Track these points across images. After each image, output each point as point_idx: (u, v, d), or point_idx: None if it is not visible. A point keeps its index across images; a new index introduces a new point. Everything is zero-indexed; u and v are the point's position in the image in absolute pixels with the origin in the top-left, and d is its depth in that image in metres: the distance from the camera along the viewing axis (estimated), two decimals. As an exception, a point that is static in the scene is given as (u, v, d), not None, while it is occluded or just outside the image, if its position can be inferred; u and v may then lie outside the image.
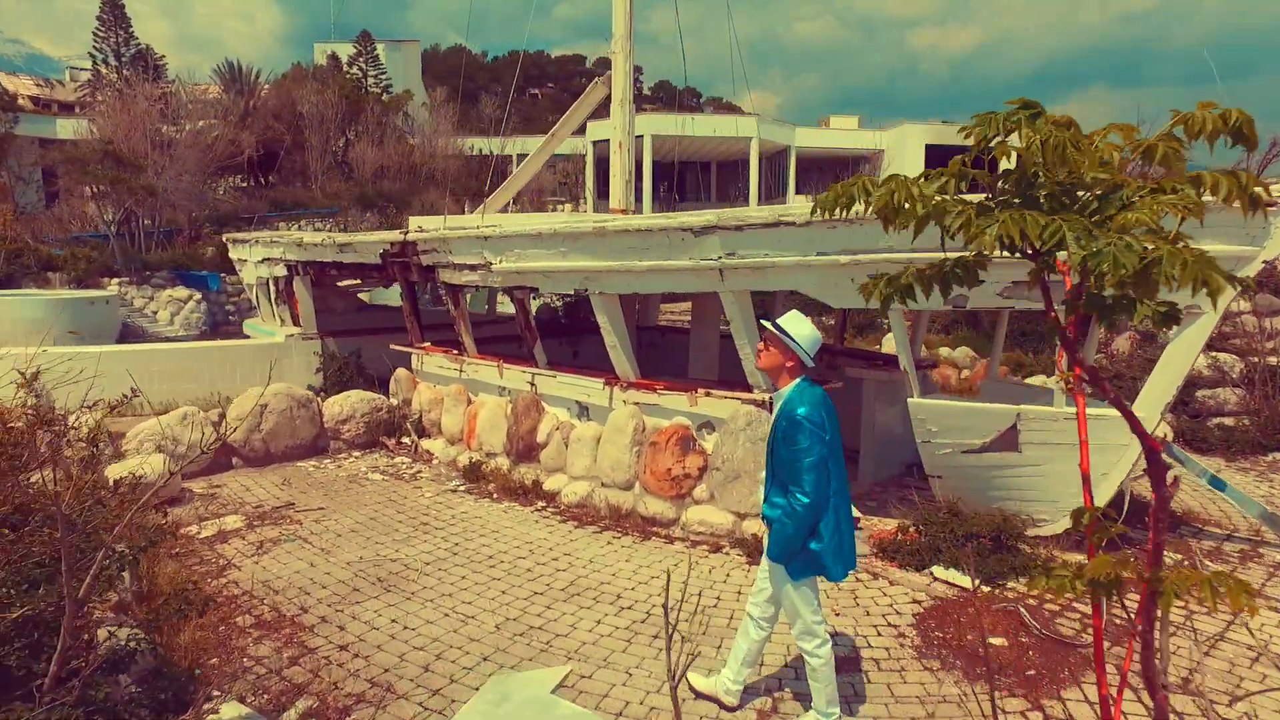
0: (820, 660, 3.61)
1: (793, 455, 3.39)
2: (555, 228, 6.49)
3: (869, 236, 5.29)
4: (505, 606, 5.02)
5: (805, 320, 3.57)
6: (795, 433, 3.38)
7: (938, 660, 4.45)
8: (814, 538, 3.48)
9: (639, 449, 6.69)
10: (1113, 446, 5.63)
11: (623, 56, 8.61)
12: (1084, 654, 4.51)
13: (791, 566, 3.52)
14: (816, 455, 3.38)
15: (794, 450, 3.39)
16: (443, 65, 65.12)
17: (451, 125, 34.81)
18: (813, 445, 3.37)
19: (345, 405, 8.55)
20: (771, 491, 3.60)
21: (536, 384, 7.66)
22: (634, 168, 8.77)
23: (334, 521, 6.55)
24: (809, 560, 3.50)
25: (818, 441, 3.40)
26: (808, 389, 3.53)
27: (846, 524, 3.59)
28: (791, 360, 3.54)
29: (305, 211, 27.86)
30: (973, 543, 5.71)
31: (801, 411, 3.40)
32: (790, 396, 3.51)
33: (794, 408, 3.42)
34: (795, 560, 3.50)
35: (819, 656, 3.60)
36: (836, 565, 3.52)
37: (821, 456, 3.39)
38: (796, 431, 3.38)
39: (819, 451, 3.39)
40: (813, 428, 3.39)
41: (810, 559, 3.49)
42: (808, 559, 3.50)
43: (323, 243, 9.60)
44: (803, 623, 3.59)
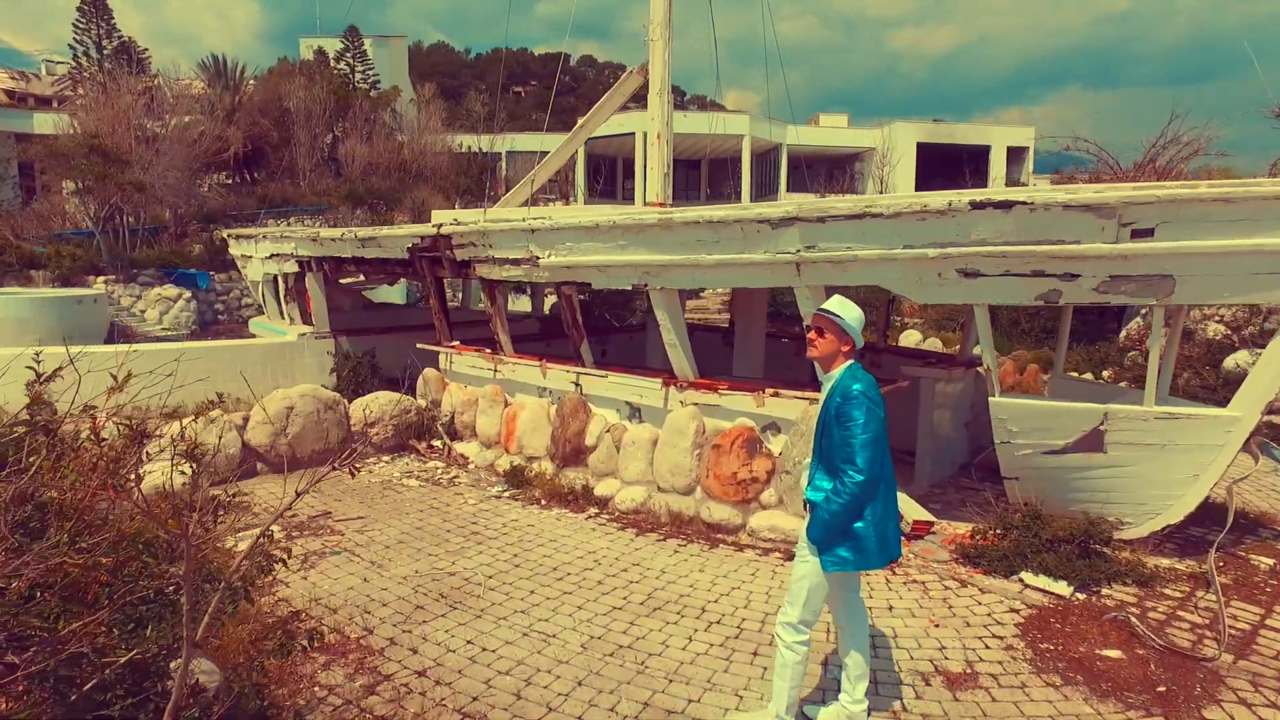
0: (796, 658, 3.44)
1: (847, 433, 3.27)
2: (614, 220, 6.15)
3: (961, 228, 5.03)
4: (586, 624, 4.69)
5: (851, 303, 3.47)
6: (852, 409, 3.26)
7: (1057, 675, 4.19)
8: (858, 518, 3.32)
9: (700, 452, 6.38)
10: (1205, 448, 5.42)
11: (661, 44, 8.28)
12: (1210, 668, 4.27)
13: (830, 554, 3.34)
14: (873, 432, 3.25)
15: (849, 427, 3.26)
16: (426, 62, 64.42)
17: (440, 122, 34.25)
18: (869, 421, 3.25)
19: (374, 407, 8.17)
20: (817, 475, 3.49)
21: (582, 384, 7.33)
22: (672, 161, 8.46)
23: (378, 532, 6.17)
24: (852, 544, 3.32)
25: (874, 418, 3.28)
26: (860, 371, 3.42)
27: (893, 510, 3.47)
28: (847, 344, 3.44)
29: (294, 209, 27.22)
30: (1061, 547, 5.47)
31: (858, 387, 3.30)
32: (843, 376, 3.40)
33: (849, 384, 3.32)
34: (836, 543, 3.33)
35: (795, 653, 3.43)
36: (880, 550, 3.36)
37: (877, 434, 3.27)
38: (853, 408, 3.26)
39: (874, 429, 3.27)
40: (870, 404, 3.28)
41: (854, 543, 3.32)
42: (851, 542, 3.33)
43: (342, 237, 9.19)
44: (798, 612, 3.42)
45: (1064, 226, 4.84)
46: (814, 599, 3.43)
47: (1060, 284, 5.04)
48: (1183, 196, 4.65)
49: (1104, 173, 12.69)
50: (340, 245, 9.27)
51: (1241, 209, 4.66)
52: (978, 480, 7.50)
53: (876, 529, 3.35)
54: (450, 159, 33.53)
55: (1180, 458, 5.45)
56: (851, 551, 3.34)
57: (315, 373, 10.46)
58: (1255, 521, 6.62)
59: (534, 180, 9.87)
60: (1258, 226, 4.70)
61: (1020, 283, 5.10)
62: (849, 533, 3.33)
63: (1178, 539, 5.98)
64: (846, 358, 3.46)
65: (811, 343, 3.53)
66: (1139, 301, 5.05)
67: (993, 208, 4.87)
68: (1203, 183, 4.71)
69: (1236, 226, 4.71)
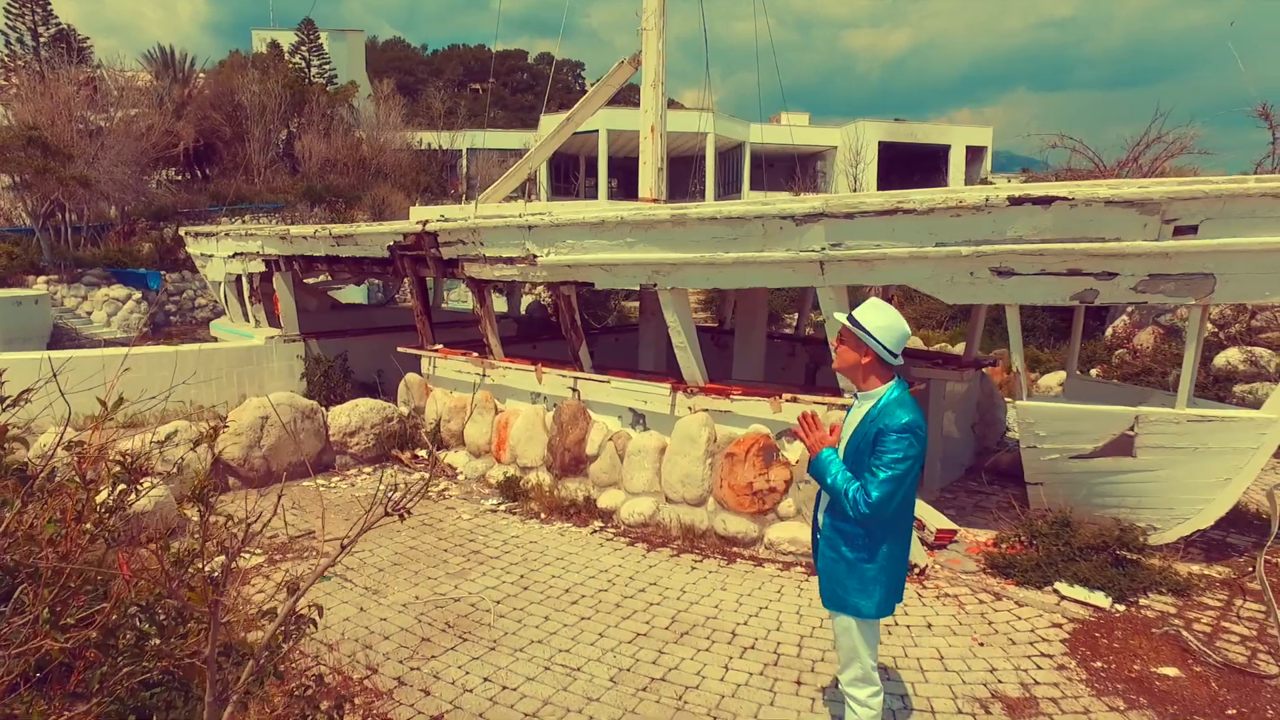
0: (871, 714, 3.02)
1: (877, 461, 2.80)
2: (622, 215, 5.78)
3: (997, 225, 4.78)
4: (611, 653, 4.32)
5: (887, 308, 2.93)
6: (891, 442, 2.78)
7: (1119, 699, 3.96)
8: (871, 562, 2.93)
9: (712, 461, 6.06)
10: (1238, 451, 5.27)
11: (655, 34, 7.92)
12: (1275, 685, 4.09)
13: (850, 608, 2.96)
14: (901, 471, 2.77)
15: (881, 456, 2.79)
16: (381, 58, 63.03)
17: (400, 118, 33.38)
18: (905, 458, 2.77)
19: (354, 416, 7.66)
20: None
21: (580, 390, 6.94)
22: (665, 156, 8.11)
23: (368, 553, 5.71)
24: (862, 586, 2.94)
25: (911, 458, 2.79)
26: (908, 395, 2.92)
27: (905, 555, 3.06)
28: (868, 356, 2.92)
29: (249, 206, 26.19)
30: (1093, 556, 5.27)
31: (907, 419, 2.80)
32: (889, 401, 2.88)
33: (897, 414, 2.82)
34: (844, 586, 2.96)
35: (871, 709, 3.02)
36: (889, 599, 2.97)
37: (904, 474, 2.79)
38: (894, 441, 2.78)
39: (905, 469, 2.78)
40: (914, 440, 2.79)
41: (863, 586, 2.93)
42: (861, 585, 2.94)
43: (314, 235, 8.64)
44: (860, 666, 3.01)
45: (1104, 223, 4.62)
46: (868, 645, 3.04)
47: (1097, 283, 4.83)
48: (1230, 192, 4.46)
49: (1082, 170, 12.73)
50: (313, 243, 8.72)
51: (1288, 205, 4.49)
52: (987, 483, 7.33)
53: (888, 571, 2.95)
54: (410, 156, 32.70)
55: (1212, 461, 5.29)
56: (867, 602, 2.95)
57: (284, 378, 9.89)
58: (1269, 523, 6.54)
59: (516, 173, 9.44)
60: (1302, 223, 4.54)
61: (1055, 282, 4.88)
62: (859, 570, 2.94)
63: (1200, 543, 5.84)
64: (878, 374, 2.95)
65: (833, 350, 3.13)
66: (1177, 301, 4.87)
67: (1031, 204, 4.63)
68: (1250, 178, 4.54)
69: (1281, 223, 4.54)
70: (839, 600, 3.00)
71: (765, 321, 8.07)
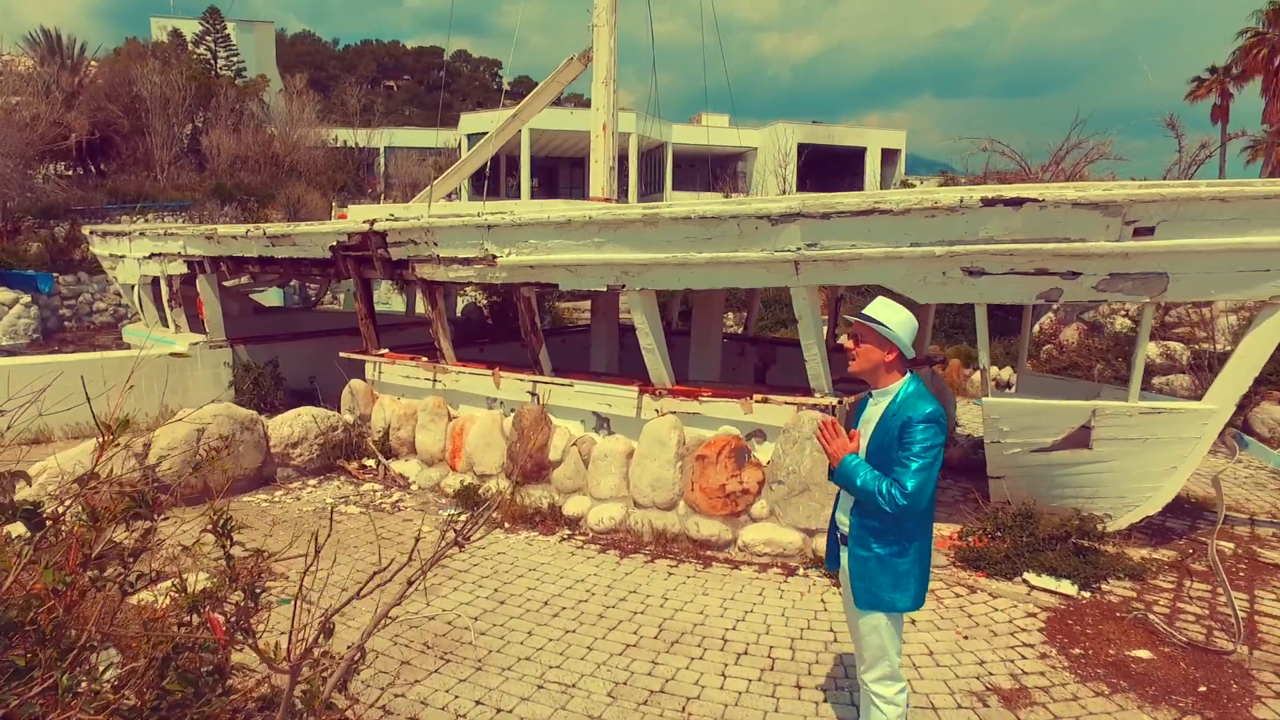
0: (898, 711, 3.03)
1: (906, 453, 2.82)
2: (591, 215, 5.64)
3: (970, 226, 4.88)
4: (604, 667, 4.19)
5: (899, 305, 2.98)
6: (918, 432, 2.81)
7: (1103, 684, 4.09)
8: (904, 556, 2.94)
9: (683, 464, 5.98)
10: (1183, 440, 5.54)
11: (607, 30, 7.79)
12: (1234, 662, 4.30)
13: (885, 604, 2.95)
14: (931, 459, 2.81)
15: (909, 447, 2.81)
16: (291, 52, 60.58)
17: (314, 114, 32.09)
18: (933, 447, 2.82)
19: (296, 426, 7.25)
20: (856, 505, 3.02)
21: (540, 394, 6.75)
22: (618, 155, 8.00)
23: (327, 572, 5.37)
24: (896, 581, 2.93)
25: (938, 446, 2.85)
26: (925, 388, 2.97)
27: (931, 546, 3.08)
28: (891, 354, 2.95)
29: (152, 205, 24.64)
30: (1057, 545, 5.45)
31: (929, 410, 2.84)
32: (908, 394, 2.91)
33: (920, 405, 2.85)
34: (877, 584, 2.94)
35: (897, 705, 3.03)
36: (922, 590, 2.99)
37: (933, 463, 2.83)
38: (921, 431, 2.81)
39: (933, 457, 2.82)
40: (939, 429, 2.84)
41: (897, 580, 2.92)
42: (895, 580, 2.93)
43: (246, 235, 8.14)
44: (889, 664, 3.01)
45: (1070, 224, 4.78)
46: (896, 641, 3.03)
47: (1062, 282, 4.99)
48: (1184, 195, 4.68)
49: (1008, 173, 13.31)
50: (244, 244, 8.22)
51: (1235, 208, 4.74)
52: (945, 480, 7.51)
53: (919, 566, 2.96)
54: (326, 154, 31.48)
55: (1160, 451, 5.55)
56: (903, 596, 2.94)
57: (211, 387, 9.30)
58: (1199, 505, 6.94)
59: (460, 170, 9.13)
60: (1248, 225, 4.80)
61: (1023, 281, 5.02)
62: (894, 570, 2.92)
63: (1143, 528, 6.12)
64: (899, 369, 2.99)
65: (850, 354, 3.03)
66: (1133, 299, 5.08)
67: (1003, 205, 4.74)
68: (1201, 183, 4.76)
69: (1229, 225, 4.79)
70: (872, 598, 2.96)
71: (721, 322, 8.07)
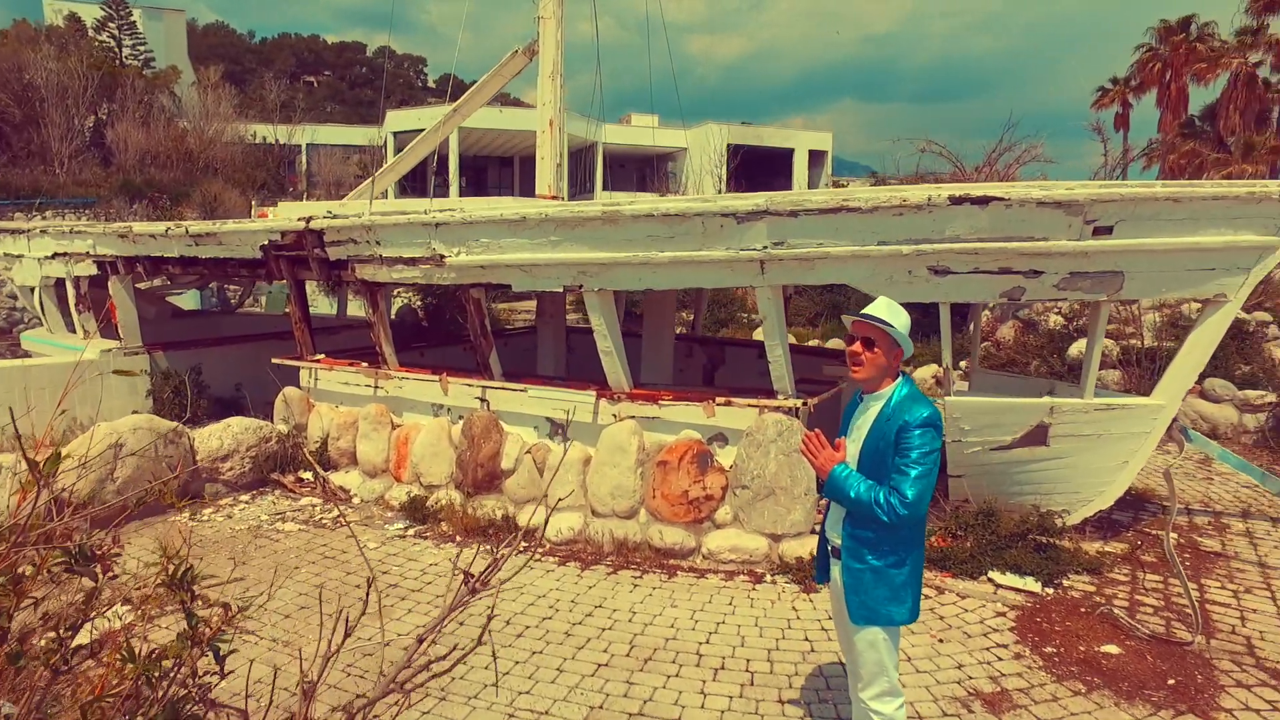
0: None
1: (904, 459, 2.72)
2: (547, 213, 5.38)
3: (937, 224, 4.84)
4: (576, 690, 3.96)
5: (899, 306, 2.91)
6: (916, 437, 2.72)
7: (1079, 681, 4.09)
8: (901, 567, 2.85)
9: (643, 470, 5.79)
10: (1134, 435, 5.66)
11: (553, 22, 7.53)
12: (1194, 652, 4.37)
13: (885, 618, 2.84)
14: (930, 464, 2.73)
15: (908, 454, 2.72)
16: (203, 44, 57.79)
17: (231, 109, 30.59)
18: (932, 452, 2.74)
19: (226, 437, 6.75)
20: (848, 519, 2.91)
21: (491, 400, 6.46)
22: (570, 152, 7.75)
23: (267, 597, 4.99)
24: (893, 594, 2.83)
25: (937, 450, 2.78)
26: (917, 389, 2.90)
27: (924, 556, 3.01)
28: (897, 357, 2.89)
29: (51, 201, 23.03)
30: (1019, 543, 5.49)
31: (926, 413, 2.75)
32: (902, 397, 2.83)
33: (916, 409, 2.76)
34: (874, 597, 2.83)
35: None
36: (918, 602, 2.92)
37: (933, 469, 2.75)
38: (920, 436, 2.72)
39: (933, 462, 2.75)
40: (937, 433, 2.77)
41: (894, 593, 2.83)
42: (892, 592, 2.83)
43: (166, 233, 7.55)
44: (888, 680, 2.91)
45: (1034, 223, 4.79)
46: (893, 656, 2.93)
47: (1025, 281, 5.01)
48: (1141, 195, 4.75)
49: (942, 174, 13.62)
50: (164, 243, 7.63)
51: (1186, 208, 4.84)
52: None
53: (915, 576, 2.88)
54: (244, 150, 30.05)
55: (1113, 446, 5.65)
56: (900, 609, 2.85)
57: (126, 397, 8.63)
58: (1140, 497, 7.15)
59: (397, 167, 8.72)
60: (1196, 225, 4.92)
61: (987, 280, 5.02)
62: (891, 583, 2.82)
63: (1094, 522, 6.23)
64: (895, 373, 2.91)
65: (856, 358, 2.88)
66: (1091, 297, 5.14)
67: (970, 203, 4.72)
68: (1156, 183, 4.84)
69: (1179, 225, 4.90)
70: (869, 613, 2.84)
71: (674, 323, 7.91)
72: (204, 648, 1.65)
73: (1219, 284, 5.18)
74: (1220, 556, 5.86)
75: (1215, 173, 26.61)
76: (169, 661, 1.60)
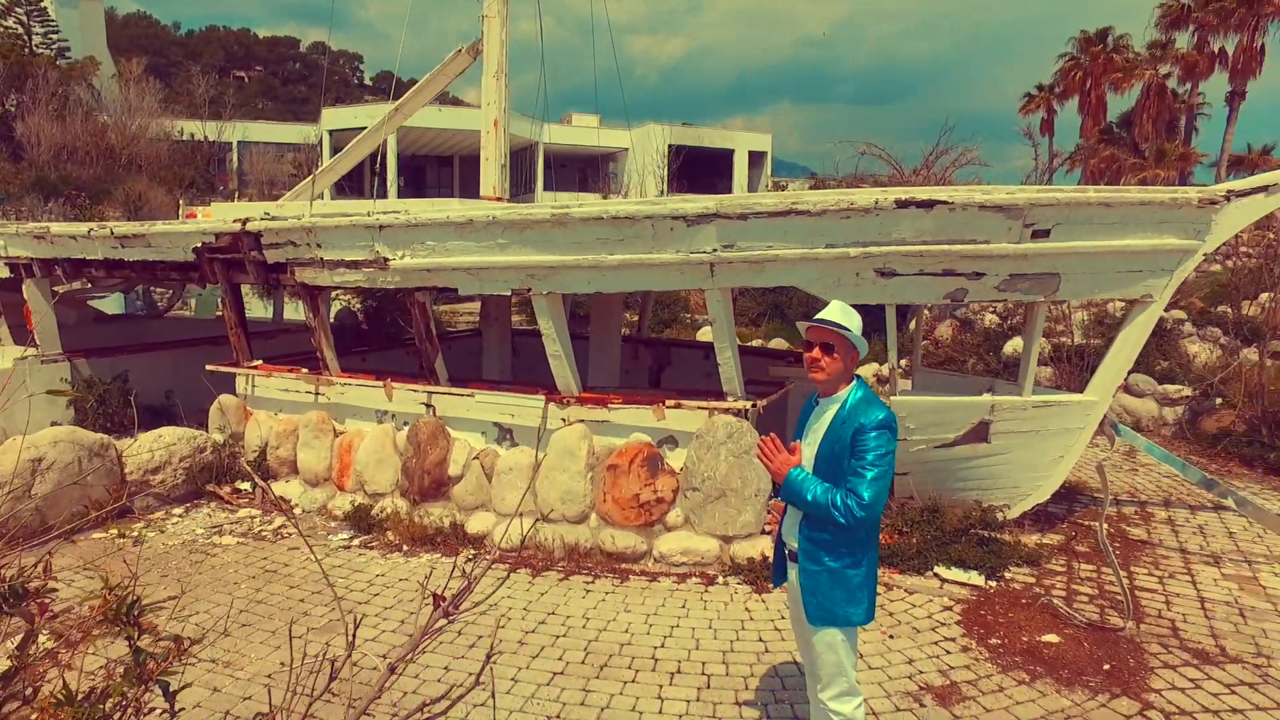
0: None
1: (860, 462, 2.75)
2: (494, 215, 5.29)
3: (884, 227, 4.93)
4: (532, 701, 3.90)
5: (850, 308, 2.95)
6: (872, 440, 2.75)
7: (1023, 671, 4.22)
8: (858, 568, 2.88)
9: (593, 474, 5.75)
10: (1069, 431, 5.87)
11: (498, 21, 7.41)
12: (1125, 637, 4.55)
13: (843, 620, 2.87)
14: (886, 466, 2.77)
15: (864, 456, 2.75)
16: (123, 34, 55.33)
17: (156, 103, 29.39)
18: (888, 454, 2.78)
19: (157, 449, 6.45)
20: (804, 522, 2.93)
21: (437, 405, 6.33)
22: (511, 152, 7.64)
23: (205, 615, 4.78)
24: (850, 595, 2.86)
25: (892, 452, 2.82)
26: (871, 392, 2.94)
27: (877, 556, 3.06)
28: (854, 359, 2.93)
29: (-45, 199, 21.77)
30: (962, 538, 5.64)
31: (882, 416, 2.79)
32: (857, 400, 2.86)
33: (871, 412, 2.80)
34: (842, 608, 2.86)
35: (859, 718, 2.99)
36: (873, 602, 2.96)
37: (888, 471, 2.79)
38: (876, 438, 2.75)
39: (889, 464, 2.79)
40: (893, 435, 2.81)
41: (851, 594, 2.86)
42: (848, 593, 2.86)
43: (89, 234, 7.18)
44: (846, 680, 2.94)
45: (977, 226, 4.92)
46: (851, 656, 2.95)
47: (968, 283, 5.14)
48: (1076, 200, 4.92)
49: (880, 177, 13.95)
50: (86, 244, 7.25)
51: (1117, 212, 5.04)
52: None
53: (871, 578, 2.91)
54: (170, 147, 28.90)
55: (1050, 441, 5.85)
56: (857, 610, 2.88)
57: (45, 407, 8.17)
58: (1071, 490, 7.42)
59: (337, 166, 8.47)
60: (1125, 229, 5.13)
61: (932, 282, 5.13)
62: (845, 582, 2.85)
63: (1031, 515, 6.44)
64: (850, 376, 2.93)
65: (816, 363, 2.89)
66: (1030, 298, 5.31)
67: (915, 206, 4.83)
68: (1090, 188, 5.03)
69: (1110, 229, 5.10)
70: (827, 614, 2.86)
71: (620, 325, 7.89)
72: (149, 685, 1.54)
73: (1146, 285, 5.41)
74: (1146, 544, 6.13)
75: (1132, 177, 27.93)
76: (112, 701, 1.50)
